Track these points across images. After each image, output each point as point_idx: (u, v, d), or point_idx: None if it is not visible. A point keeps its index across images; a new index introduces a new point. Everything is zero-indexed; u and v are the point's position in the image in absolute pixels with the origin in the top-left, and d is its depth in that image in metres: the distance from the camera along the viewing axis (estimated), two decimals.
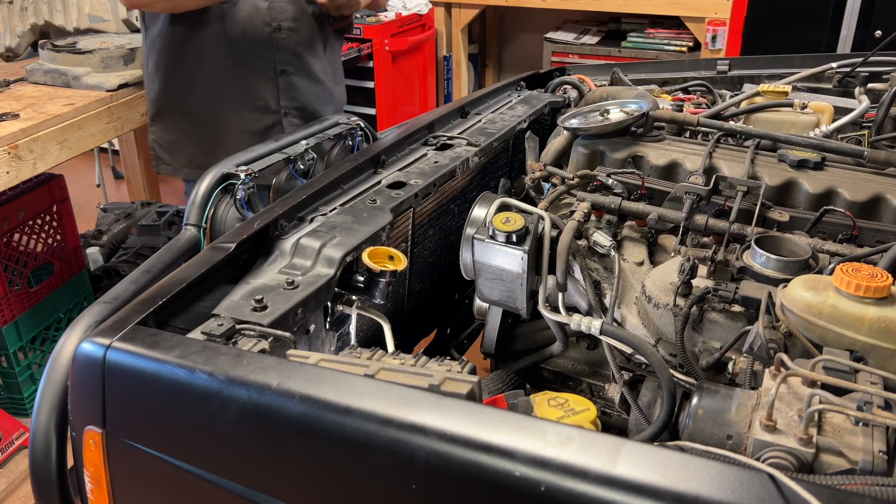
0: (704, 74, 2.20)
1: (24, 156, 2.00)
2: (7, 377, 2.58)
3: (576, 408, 0.94)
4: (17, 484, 2.41)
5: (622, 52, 4.11)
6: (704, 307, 1.17)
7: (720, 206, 1.33)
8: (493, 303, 1.35)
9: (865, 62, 1.96)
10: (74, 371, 0.97)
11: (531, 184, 1.54)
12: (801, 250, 1.17)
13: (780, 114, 1.68)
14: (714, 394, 0.96)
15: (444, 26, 4.58)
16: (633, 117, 1.55)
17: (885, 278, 0.97)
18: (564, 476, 0.72)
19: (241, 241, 1.17)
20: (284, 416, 0.84)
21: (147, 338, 0.95)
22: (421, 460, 0.77)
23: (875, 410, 0.82)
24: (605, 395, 1.41)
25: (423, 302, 1.68)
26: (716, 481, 0.70)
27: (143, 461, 0.94)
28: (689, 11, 3.83)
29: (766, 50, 2.84)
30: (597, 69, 2.25)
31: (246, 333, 1.00)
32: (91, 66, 2.37)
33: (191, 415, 0.91)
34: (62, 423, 1.01)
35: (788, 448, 0.82)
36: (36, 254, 2.55)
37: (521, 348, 1.51)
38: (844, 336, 0.97)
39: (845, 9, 3.54)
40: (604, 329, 1.15)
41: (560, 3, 4.17)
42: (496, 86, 2.01)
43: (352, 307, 1.20)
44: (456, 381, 0.87)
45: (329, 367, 0.90)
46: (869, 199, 1.34)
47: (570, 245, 1.26)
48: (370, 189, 1.41)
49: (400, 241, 1.46)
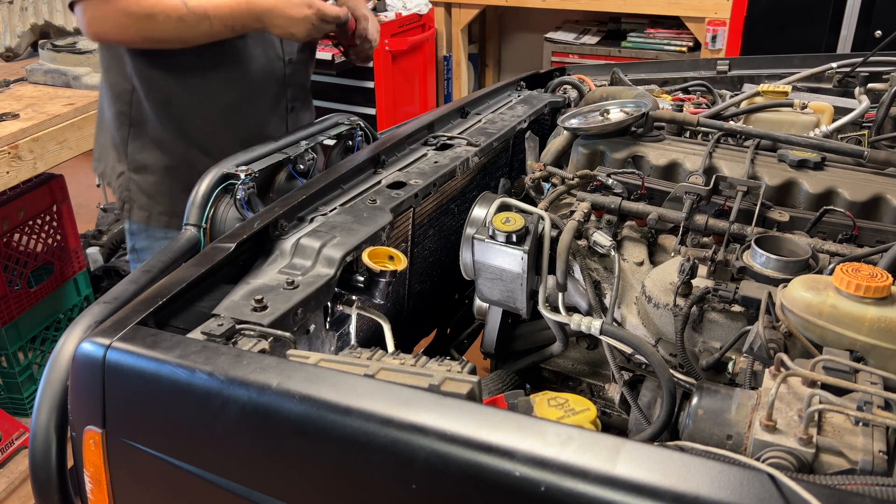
0: (704, 74, 2.20)
1: (24, 156, 2.01)
2: (7, 377, 2.58)
3: (576, 408, 0.94)
4: (17, 484, 2.41)
5: (622, 52, 4.11)
6: (704, 307, 1.17)
7: (720, 206, 1.33)
8: (493, 303, 1.35)
9: (865, 62, 1.96)
10: (74, 371, 0.97)
11: (531, 184, 1.54)
12: (801, 250, 1.17)
13: (780, 114, 1.68)
14: (714, 394, 0.96)
15: (444, 26, 4.59)
16: (633, 117, 1.55)
17: (885, 278, 0.97)
18: (564, 476, 0.72)
19: (241, 241, 1.17)
20: (284, 416, 0.84)
21: (147, 338, 0.95)
22: (421, 460, 0.77)
23: (875, 410, 0.82)
24: (605, 395, 1.41)
25: (423, 302, 1.68)
26: (716, 481, 0.70)
27: (144, 461, 0.94)
28: (689, 11, 3.83)
29: (766, 50, 2.84)
30: (597, 69, 2.25)
31: (246, 333, 1.00)
32: (91, 66, 2.38)
33: (191, 415, 0.91)
34: (62, 423, 1.01)
35: (788, 448, 0.82)
36: (36, 254, 2.55)
37: (521, 348, 1.51)
38: (844, 336, 0.97)
39: (845, 9, 3.54)
40: (604, 329, 1.15)
41: (560, 3, 4.17)
42: (496, 86, 2.01)
43: (352, 307, 1.20)
44: (456, 381, 0.87)
45: (329, 367, 0.90)
46: (869, 199, 1.34)
47: (570, 245, 1.26)
48: (370, 189, 1.41)
49: (400, 241, 1.46)
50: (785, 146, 1.49)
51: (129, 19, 1.54)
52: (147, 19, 1.54)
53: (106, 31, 1.59)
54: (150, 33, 1.58)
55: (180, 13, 1.55)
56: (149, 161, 1.77)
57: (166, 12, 1.54)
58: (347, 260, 1.19)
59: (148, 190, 1.78)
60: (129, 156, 1.77)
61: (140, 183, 1.78)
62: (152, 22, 1.55)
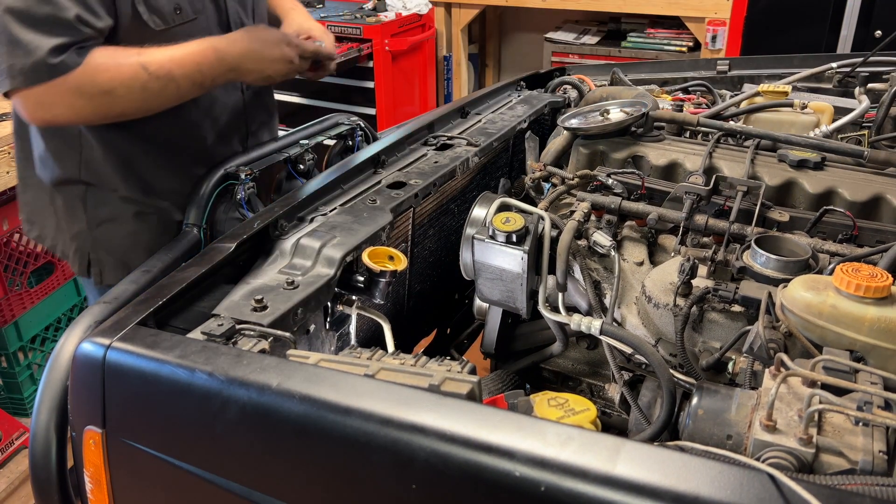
0: (704, 74, 2.20)
1: None
2: (7, 377, 2.58)
3: (576, 408, 0.94)
4: (18, 484, 2.41)
5: (622, 52, 4.11)
6: (704, 307, 1.17)
7: (720, 206, 1.33)
8: (493, 303, 1.35)
9: (865, 62, 1.96)
10: (74, 371, 0.97)
11: (531, 184, 1.54)
12: (802, 250, 1.17)
13: (780, 114, 1.68)
14: (714, 394, 0.96)
15: (444, 26, 4.59)
16: (633, 117, 1.55)
17: (885, 278, 0.97)
18: (564, 476, 0.72)
19: (241, 241, 1.17)
20: (284, 417, 0.84)
21: (147, 338, 0.95)
22: (421, 460, 0.77)
23: (875, 410, 0.82)
24: (605, 395, 1.41)
25: (423, 302, 1.68)
26: (716, 481, 0.70)
27: (144, 461, 0.94)
28: (689, 11, 3.83)
29: (766, 50, 2.84)
30: (597, 69, 2.25)
31: (246, 333, 1.00)
32: None
33: (191, 415, 0.91)
34: (62, 423, 1.01)
35: (788, 448, 0.82)
36: (36, 254, 2.55)
37: (521, 348, 1.51)
38: (844, 336, 0.97)
39: (845, 9, 3.54)
40: (604, 329, 1.15)
41: (560, 3, 4.17)
42: (496, 86, 2.01)
43: (352, 307, 1.20)
44: (456, 382, 0.87)
45: (329, 367, 0.90)
46: (869, 199, 1.34)
47: (570, 245, 1.26)
48: (370, 189, 1.41)
49: (400, 241, 1.46)
50: (785, 146, 1.49)
51: (83, 99, 1.32)
52: (104, 96, 1.33)
53: (56, 116, 1.36)
54: (110, 109, 1.37)
55: (142, 81, 1.34)
56: (116, 212, 1.55)
57: (126, 84, 1.34)
58: (347, 260, 1.19)
59: (121, 243, 1.57)
60: (89, 212, 1.55)
61: (109, 238, 1.56)
62: (111, 98, 1.34)
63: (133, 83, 1.34)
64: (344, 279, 1.20)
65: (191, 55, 1.40)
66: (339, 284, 1.19)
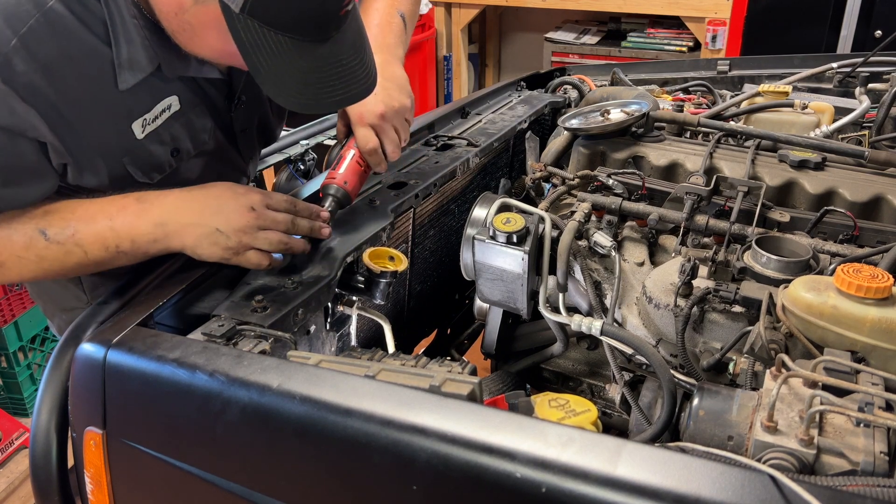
0: (704, 74, 2.20)
1: None
2: (7, 377, 2.58)
3: (577, 409, 0.94)
4: (18, 484, 2.42)
5: (622, 52, 4.12)
6: (705, 308, 1.17)
7: (721, 207, 1.33)
8: (494, 303, 1.35)
9: (866, 62, 1.96)
10: (75, 372, 0.97)
11: (531, 184, 1.54)
12: (802, 251, 1.17)
13: (781, 114, 1.68)
14: (715, 395, 0.96)
15: (444, 26, 4.59)
16: (633, 117, 1.55)
17: (886, 279, 0.97)
18: (565, 477, 0.72)
19: None
20: (285, 417, 0.84)
21: (147, 338, 0.95)
22: (422, 461, 0.77)
23: (876, 411, 0.82)
24: (605, 395, 1.41)
25: (423, 302, 1.68)
26: (717, 482, 0.70)
27: (144, 462, 0.94)
28: (689, 11, 3.83)
29: (766, 50, 2.84)
30: (597, 69, 2.25)
31: (246, 334, 1.00)
32: None
33: (191, 416, 0.91)
34: (63, 423, 1.01)
35: (789, 449, 0.82)
36: None
37: (522, 349, 1.51)
38: (845, 337, 0.97)
39: (845, 9, 3.54)
40: (604, 329, 1.15)
41: (560, 3, 4.17)
42: (496, 86, 2.01)
43: (352, 308, 1.20)
44: (457, 382, 0.87)
45: (330, 367, 0.90)
46: (869, 200, 1.34)
47: (571, 245, 1.26)
48: (370, 189, 1.41)
49: (400, 242, 1.46)
50: (785, 146, 1.49)
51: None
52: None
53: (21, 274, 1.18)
54: (4, 278, 1.19)
55: (37, 251, 1.12)
56: None
57: (17, 254, 1.12)
58: (348, 260, 1.19)
59: None
60: (88, 293, 1.42)
61: None
62: (1, 269, 1.14)
63: (26, 254, 1.13)
64: (344, 280, 1.20)
65: (104, 208, 1.13)
66: (340, 285, 1.19)
